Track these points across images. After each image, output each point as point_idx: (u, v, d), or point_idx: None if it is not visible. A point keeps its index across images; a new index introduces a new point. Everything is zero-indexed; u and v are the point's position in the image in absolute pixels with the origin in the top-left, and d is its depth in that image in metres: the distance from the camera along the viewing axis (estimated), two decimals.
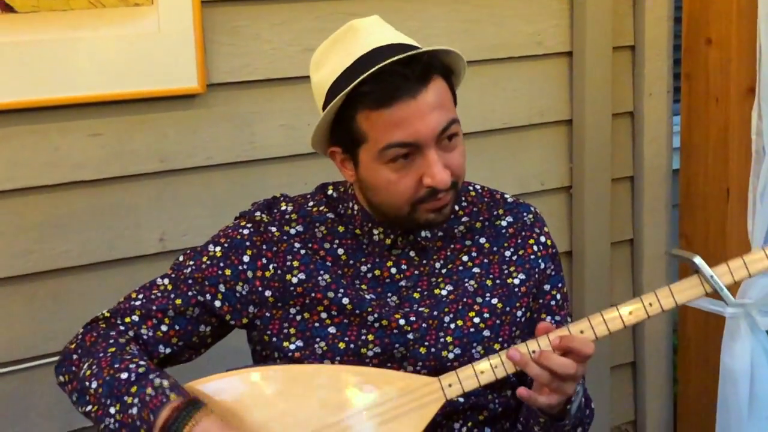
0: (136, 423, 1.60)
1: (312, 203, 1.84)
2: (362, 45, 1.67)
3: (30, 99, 2.16)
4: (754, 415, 2.75)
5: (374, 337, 1.74)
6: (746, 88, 2.68)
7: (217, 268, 1.77)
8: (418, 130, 1.62)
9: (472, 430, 1.80)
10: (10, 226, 2.20)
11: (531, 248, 1.85)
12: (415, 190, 1.67)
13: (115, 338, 1.74)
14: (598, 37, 2.78)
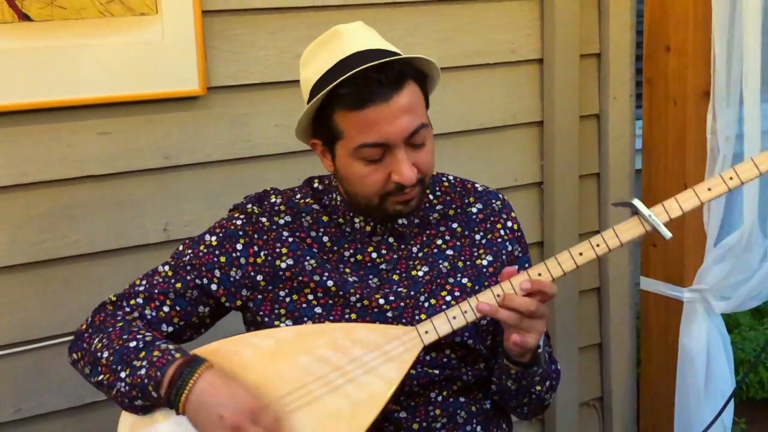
0: (144, 381, 1.60)
1: (299, 195, 1.84)
2: (344, 49, 1.67)
3: (44, 100, 2.14)
4: (710, 392, 2.74)
5: (356, 315, 1.74)
6: (702, 92, 2.67)
7: (213, 256, 1.77)
8: (388, 132, 1.63)
9: (447, 399, 1.78)
10: (25, 217, 2.18)
11: (498, 232, 1.85)
12: (384, 184, 1.68)
13: (123, 316, 1.74)
14: (566, 46, 2.77)
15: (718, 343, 2.74)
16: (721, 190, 1.69)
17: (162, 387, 1.57)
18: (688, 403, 2.75)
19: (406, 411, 1.74)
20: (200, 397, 1.56)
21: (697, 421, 2.73)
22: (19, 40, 2.08)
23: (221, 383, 1.58)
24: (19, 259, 2.17)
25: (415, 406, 1.74)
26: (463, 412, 1.79)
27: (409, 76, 1.65)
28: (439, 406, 1.76)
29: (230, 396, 1.56)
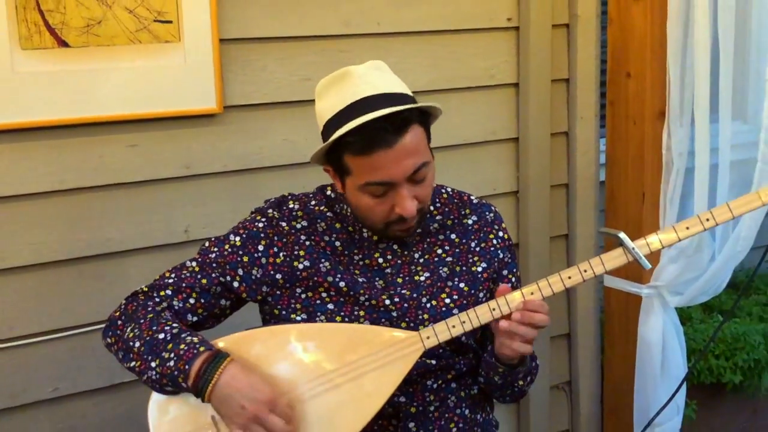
0: (173, 373, 1.63)
1: (314, 202, 1.86)
2: (354, 92, 1.67)
3: (80, 116, 2.18)
4: (666, 376, 2.79)
5: (365, 313, 1.77)
6: (658, 112, 2.72)
7: (237, 255, 1.79)
8: (392, 174, 1.65)
9: (442, 386, 1.82)
10: (64, 219, 2.22)
11: (491, 241, 1.89)
12: (387, 215, 1.71)
13: (152, 307, 1.76)
14: (539, 72, 2.82)
15: (672, 334, 2.78)
16: (698, 230, 1.73)
17: (189, 379, 1.60)
18: (645, 387, 2.79)
19: (405, 396, 1.77)
20: (224, 390, 1.59)
21: (654, 402, 2.76)
22: (58, 64, 2.12)
23: (242, 376, 1.60)
24: (59, 256, 2.21)
25: (413, 392, 1.78)
26: (453, 396, 1.83)
27: (412, 121, 1.65)
28: (433, 392, 1.80)
29: (250, 387, 1.59)
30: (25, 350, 2.21)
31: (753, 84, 2.78)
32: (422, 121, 1.70)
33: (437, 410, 1.83)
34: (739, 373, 3.41)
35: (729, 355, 3.44)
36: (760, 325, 3.60)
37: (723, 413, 3.59)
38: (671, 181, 2.70)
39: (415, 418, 1.81)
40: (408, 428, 1.81)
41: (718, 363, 3.41)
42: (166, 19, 2.23)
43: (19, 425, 2.22)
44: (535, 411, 3.00)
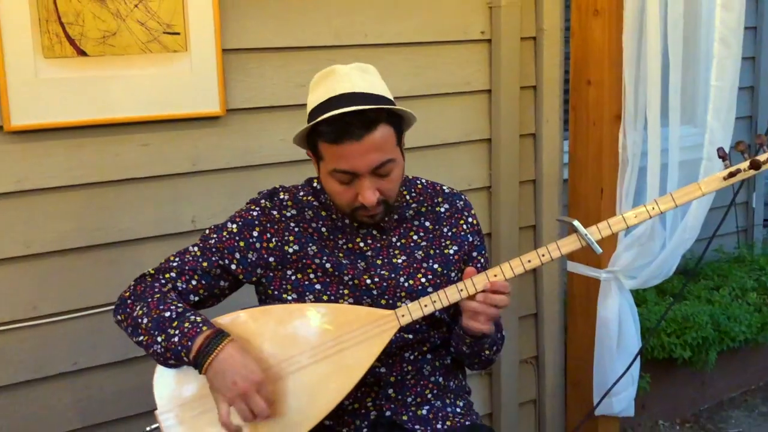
0: (177, 348, 1.63)
1: (302, 193, 1.86)
2: (335, 88, 1.68)
3: (97, 118, 2.18)
4: (621, 351, 2.81)
5: (348, 291, 1.77)
6: (615, 116, 2.72)
7: (234, 241, 1.80)
8: (356, 164, 1.66)
9: (418, 357, 1.83)
10: (83, 210, 2.21)
11: (462, 227, 1.89)
12: (352, 201, 1.72)
13: (159, 288, 1.76)
14: (509, 79, 2.82)
15: (628, 313, 2.79)
16: (644, 218, 1.74)
17: (191, 352, 1.61)
18: (603, 361, 2.80)
19: (385, 367, 1.78)
20: (221, 365, 1.59)
21: (611, 374, 2.79)
22: (77, 71, 2.12)
23: (238, 355, 1.61)
24: (79, 243, 2.20)
25: (392, 363, 1.79)
26: (428, 366, 1.84)
27: (381, 120, 1.65)
28: (410, 362, 1.81)
29: (244, 367, 1.59)
30: (48, 328, 2.21)
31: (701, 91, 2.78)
32: (393, 123, 1.70)
33: (413, 378, 1.84)
34: (688, 349, 3.43)
35: (680, 333, 3.46)
36: (707, 307, 3.62)
37: (674, 385, 3.62)
38: (626, 178, 2.71)
39: (393, 386, 1.82)
40: (387, 394, 1.82)
41: (669, 340, 3.44)
42: (174, 31, 2.23)
43: (42, 395, 2.22)
44: (506, 382, 3.00)
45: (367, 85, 1.70)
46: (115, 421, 2.30)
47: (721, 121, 2.46)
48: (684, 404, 3.71)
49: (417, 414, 1.84)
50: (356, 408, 1.81)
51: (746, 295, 3.83)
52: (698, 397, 3.77)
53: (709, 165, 2.50)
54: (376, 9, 2.58)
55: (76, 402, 2.26)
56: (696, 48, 2.73)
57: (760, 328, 3.68)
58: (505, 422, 3.00)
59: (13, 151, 2.10)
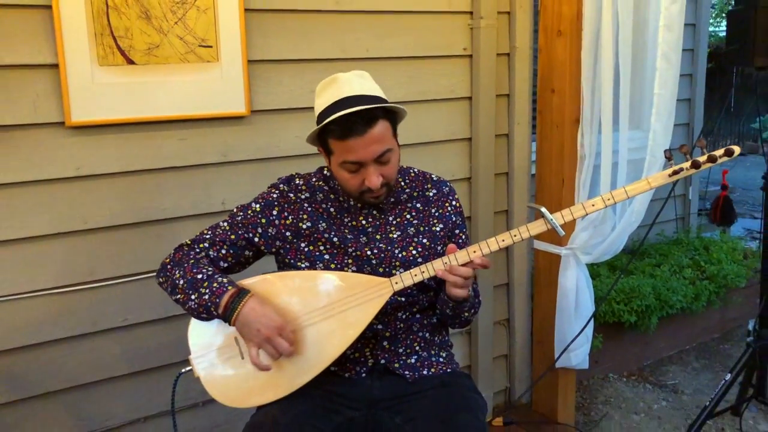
0: (207, 304, 1.65)
1: (315, 179, 1.86)
2: (339, 93, 1.68)
3: (143, 116, 2.18)
4: (578, 314, 2.80)
5: (352, 261, 1.77)
6: (574, 119, 2.71)
7: (257, 218, 1.80)
8: (362, 155, 1.66)
9: (409, 316, 1.84)
10: (131, 193, 2.22)
11: (447, 208, 1.89)
12: (360, 186, 1.71)
13: (194, 256, 1.77)
14: (487, 89, 2.81)
15: (584, 283, 2.78)
16: (600, 206, 1.73)
17: (219, 308, 1.63)
18: (563, 322, 2.80)
19: (381, 324, 1.79)
20: (245, 317, 1.62)
21: (569, 334, 2.80)
22: (126, 77, 2.12)
23: (259, 307, 1.62)
24: (128, 220, 2.22)
25: (387, 321, 1.80)
26: (417, 324, 1.85)
27: (379, 116, 1.65)
28: (402, 321, 1.82)
29: (264, 316, 1.61)
30: (102, 290, 2.22)
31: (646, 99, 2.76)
32: (389, 117, 1.70)
33: (404, 333, 1.84)
34: (634, 314, 3.45)
35: (627, 301, 3.48)
36: (650, 280, 3.63)
37: (622, 345, 3.63)
38: (583, 172, 2.70)
39: (388, 339, 1.82)
40: (383, 346, 1.82)
41: (618, 307, 3.45)
42: (207, 44, 2.22)
43: (97, 345, 2.23)
44: (482, 340, 3.01)
45: (364, 89, 1.70)
46: (156, 368, 2.31)
47: (663, 125, 2.45)
48: (630, 360, 3.72)
49: (407, 362, 1.84)
50: (357, 356, 1.82)
51: (683, 271, 3.84)
52: (642, 355, 3.78)
53: (652, 161, 2.49)
54: (376, 29, 2.57)
55: (124, 352, 2.27)
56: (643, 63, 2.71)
57: (693, 297, 3.70)
58: (482, 373, 3.01)
59: (73, 143, 2.10)
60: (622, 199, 1.73)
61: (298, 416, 1.67)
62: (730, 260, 4.03)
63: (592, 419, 3.23)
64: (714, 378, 3.66)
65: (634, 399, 3.44)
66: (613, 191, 1.73)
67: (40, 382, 2.15)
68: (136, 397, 2.30)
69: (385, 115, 1.68)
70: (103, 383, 2.25)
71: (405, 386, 1.81)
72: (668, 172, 1.73)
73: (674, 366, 3.80)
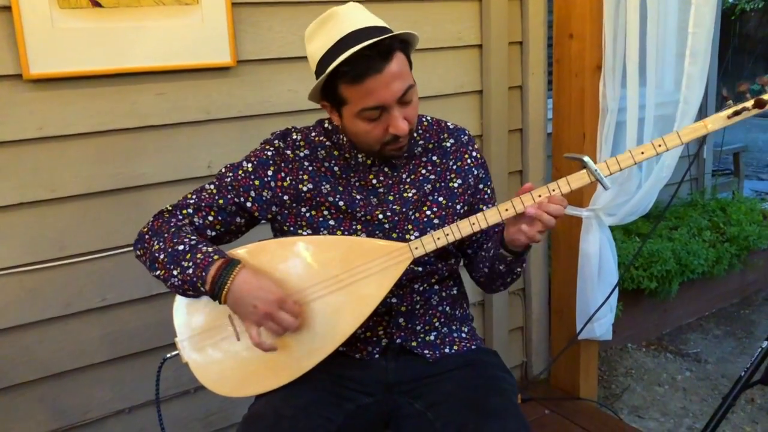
0: (192, 279, 1.39)
1: (314, 133, 1.59)
2: (341, 29, 1.41)
3: (113, 68, 1.90)
4: (602, 281, 2.57)
5: (362, 227, 1.52)
6: (595, 66, 2.45)
7: (249, 180, 1.54)
8: (384, 97, 1.39)
9: (427, 288, 1.60)
10: (104, 156, 1.95)
11: (466, 161, 1.63)
12: (383, 136, 1.45)
13: (175, 223, 1.51)
14: (498, 36, 2.54)
15: (607, 247, 2.56)
16: (651, 154, 1.44)
17: (207, 284, 1.37)
18: (585, 290, 2.57)
19: (396, 298, 1.55)
20: (237, 292, 1.35)
21: (593, 302, 2.57)
22: (92, 22, 1.84)
23: (253, 279, 1.36)
24: (102, 187, 1.94)
25: (403, 294, 1.55)
26: (436, 296, 1.61)
27: (395, 48, 1.39)
28: (419, 293, 1.57)
29: (260, 289, 1.35)
30: (76, 266, 1.96)
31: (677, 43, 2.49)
32: (403, 49, 1.44)
33: (422, 308, 1.60)
34: (654, 281, 3.25)
35: (646, 266, 3.27)
36: (669, 244, 3.42)
37: (641, 313, 3.45)
38: (606, 126, 2.46)
39: (404, 315, 1.58)
40: (398, 323, 1.58)
41: (637, 273, 3.25)
42: None
43: (72, 329, 1.98)
44: (497, 312, 2.78)
45: (368, 20, 1.44)
46: (141, 353, 2.06)
47: (699, 68, 2.19)
48: (649, 329, 3.54)
49: (426, 340, 1.60)
50: (368, 336, 1.58)
51: (702, 234, 3.63)
52: (660, 323, 3.60)
53: (686, 109, 2.24)
54: None
55: (104, 336, 2.02)
56: None
57: (715, 261, 3.51)
58: (497, 346, 2.78)
59: (34, 99, 1.82)
60: (676, 145, 1.46)
61: (303, 406, 1.42)
62: (750, 221, 3.82)
63: (613, 392, 3.03)
64: (738, 345, 3.47)
65: (656, 370, 3.24)
66: (665, 136, 1.46)
67: (8, 373, 1.90)
68: (119, 386, 2.05)
69: (401, 46, 1.43)
70: (81, 371, 2.00)
71: (424, 367, 1.57)
72: (728, 112, 1.47)
73: (694, 334, 3.61)
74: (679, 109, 2.25)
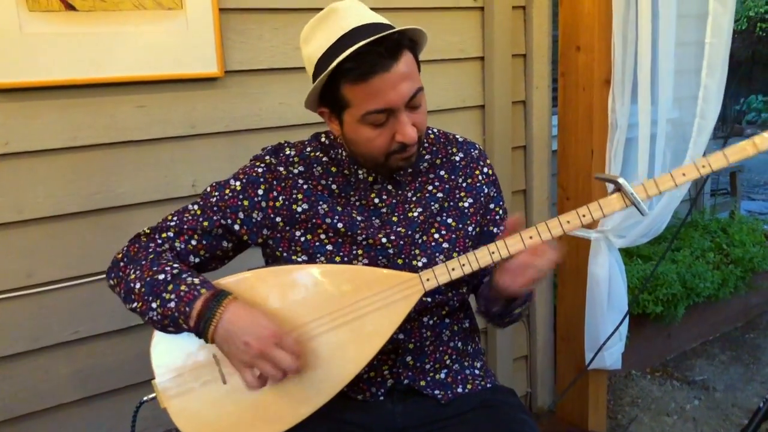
0: (174, 314, 1.20)
1: (309, 148, 1.42)
2: (342, 25, 1.26)
3: (88, 77, 1.72)
4: (612, 308, 2.42)
5: (363, 252, 1.34)
6: (604, 80, 2.32)
7: (237, 199, 1.36)
8: (391, 99, 1.23)
9: (437, 321, 1.42)
10: (79, 174, 1.76)
11: (477, 177, 1.46)
12: (389, 144, 1.28)
13: (154, 248, 1.33)
14: (501, 48, 2.39)
15: (617, 271, 2.40)
16: (694, 176, 1.26)
17: (191, 320, 1.18)
18: (595, 316, 2.40)
19: (403, 333, 1.37)
20: (227, 327, 1.17)
21: (602, 329, 2.41)
22: (65, 26, 1.66)
23: (245, 313, 1.18)
24: (75, 209, 1.76)
25: (411, 329, 1.38)
26: (447, 330, 1.43)
27: (404, 45, 1.24)
28: (429, 327, 1.40)
29: (253, 324, 1.17)
30: (45, 296, 1.76)
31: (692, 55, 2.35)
32: (411, 48, 1.28)
33: (432, 344, 1.42)
34: (660, 304, 3.09)
35: (652, 290, 3.11)
36: (673, 266, 3.27)
37: (646, 337, 3.29)
38: (615, 142, 2.31)
39: (412, 353, 1.40)
40: (405, 362, 1.40)
41: (643, 297, 3.09)
42: None
43: (40, 366, 1.78)
44: (501, 341, 2.60)
45: (372, 17, 1.29)
46: (117, 390, 1.86)
47: (716, 81, 2.05)
48: (652, 355, 3.38)
49: (435, 379, 1.43)
50: (372, 376, 1.40)
51: (705, 255, 3.48)
52: (664, 348, 3.44)
53: (702, 124, 2.10)
54: None
55: (76, 372, 1.82)
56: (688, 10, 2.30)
57: (720, 284, 3.36)
58: (501, 377, 2.59)
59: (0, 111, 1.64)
60: (721, 166, 1.30)
61: None
62: (752, 242, 3.69)
63: (619, 423, 2.85)
64: (745, 372, 3.31)
65: (663, 398, 3.07)
66: (709, 156, 1.30)
67: None
68: (92, 428, 1.85)
69: (409, 44, 1.27)
70: (50, 413, 1.80)
71: (436, 409, 1.40)
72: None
73: (699, 359, 3.45)
74: (695, 125, 2.11)
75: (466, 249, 1.40)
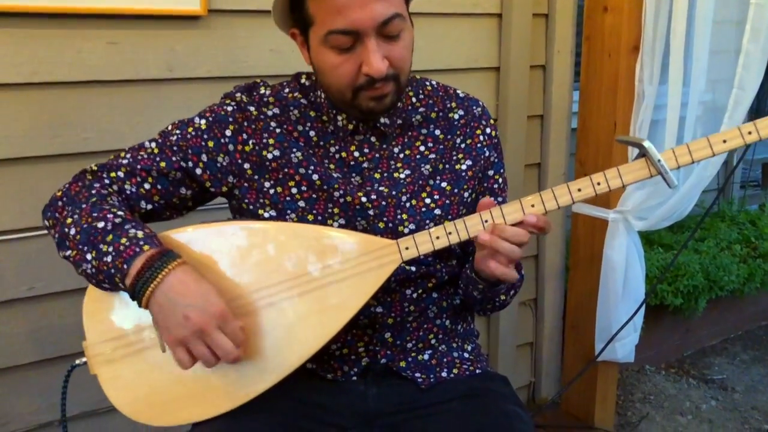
0: (110, 270, 1.02)
1: (287, 90, 1.23)
2: None
3: (53, 5, 1.53)
4: (627, 296, 2.21)
5: (339, 210, 1.16)
6: (632, 47, 2.10)
7: (201, 140, 1.18)
8: (357, 18, 1.04)
9: (422, 295, 1.22)
10: (39, 114, 1.58)
11: (478, 138, 1.26)
12: (355, 76, 1.09)
13: (98, 189, 1.14)
14: (521, 5, 2.17)
15: (635, 256, 2.19)
16: (737, 144, 1.05)
17: (128, 278, 1.00)
18: (608, 304, 2.20)
19: (382, 306, 1.18)
20: (167, 294, 0.99)
21: (615, 318, 2.21)
22: None
23: (193, 281, 1.00)
24: (34, 152, 1.58)
25: (391, 302, 1.19)
26: (434, 307, 1.24)
27: None
28: (413, 302, 1.21)
29: (201, 296, 0.99)
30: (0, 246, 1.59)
31: None
32: None
33: (416, 321, 1.23)
34: (680, 296, 2.88)
35: (671, 280, 2.89)
36: (696, 256, 3.05)
37: (662, 331, 3.08)
38: (641, 113, 2.10)
39: (391, 329, 1.22)
40: (384, 339, 1.22)
41: (662, 287, 2.87)
42: None
43: None
44: (504, 325, 2.40)
45: None
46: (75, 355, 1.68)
47: (761, 47, 1.82)
48: (669, 350, 3.17)
49: (417, 359, 1.24)
50: (345, 353, 1.21)
51: (732, 247, 3.25)
52: (682, 344, 3.22)
53: (740, 94, 1.87)
54: None
55: (30, 333, 1.65)
56: None
57: (746, 278, 3.13)
58: (502, 365, 2.40)
59: None
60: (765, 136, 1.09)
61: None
62: None
63: (629, 420, 2.65)
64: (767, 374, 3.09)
65: (677, 396, 2.86)
66: (756, 121, 1.07)
67: None
68: (47, 394, 1.69)
69: None
70: (2, 374, 1.64)
71: (415, 395, 1.21)
72: None
73: (719, 358, 3.23)
74: (732, 96, 1.88)
75: (459, 217, 1.20)
